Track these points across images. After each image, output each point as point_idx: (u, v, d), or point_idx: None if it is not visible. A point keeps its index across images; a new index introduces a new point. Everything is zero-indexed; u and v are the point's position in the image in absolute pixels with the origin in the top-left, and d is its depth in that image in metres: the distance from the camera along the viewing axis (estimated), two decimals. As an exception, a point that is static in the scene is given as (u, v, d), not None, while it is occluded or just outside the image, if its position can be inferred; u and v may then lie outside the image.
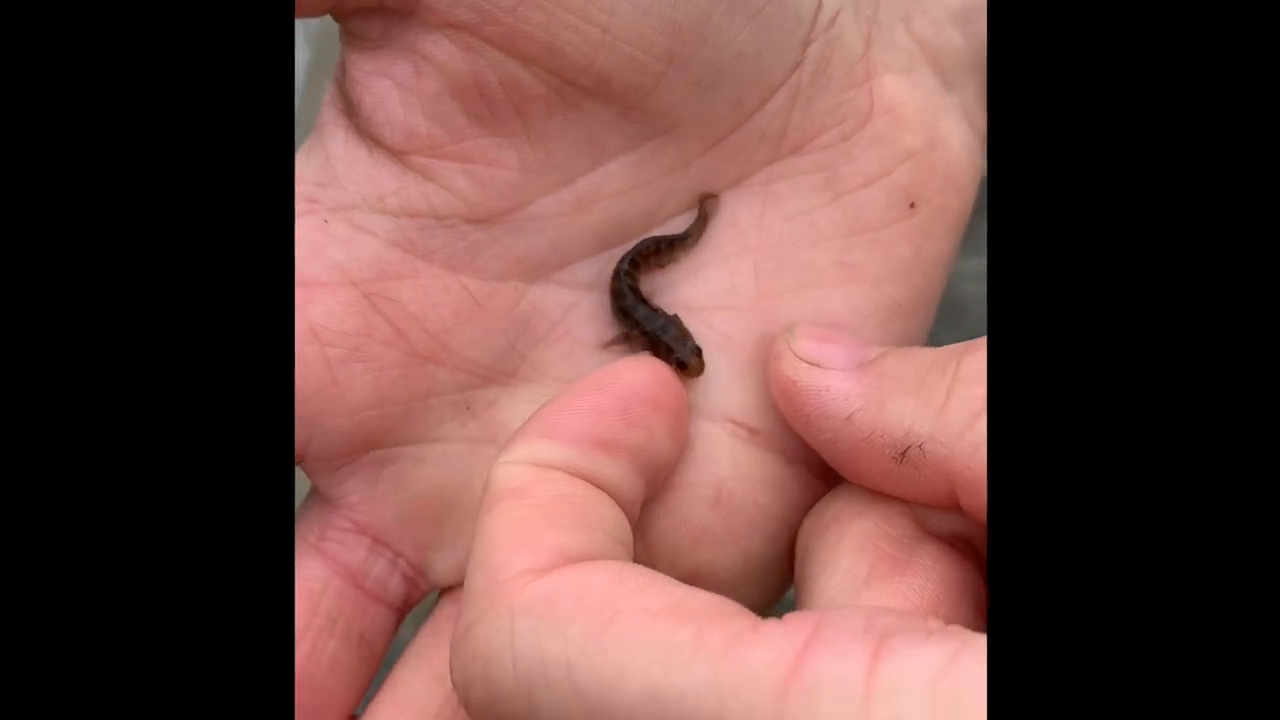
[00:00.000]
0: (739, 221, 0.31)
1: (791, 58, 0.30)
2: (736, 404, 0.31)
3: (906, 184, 0.31)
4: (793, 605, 0.27)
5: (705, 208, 0.31)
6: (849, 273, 0.31)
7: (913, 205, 0.31)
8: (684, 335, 0.31)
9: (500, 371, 0.31)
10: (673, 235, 0.31)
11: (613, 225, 0.31)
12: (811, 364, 0.29)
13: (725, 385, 0.31)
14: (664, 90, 0.29)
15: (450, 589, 0.31)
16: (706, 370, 0.30)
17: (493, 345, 0.31)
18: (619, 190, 0.31)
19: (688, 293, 0.32)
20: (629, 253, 0.31)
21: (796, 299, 0.31)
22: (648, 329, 0.31)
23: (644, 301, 0.31)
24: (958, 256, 0.33)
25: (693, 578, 0.30)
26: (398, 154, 0.29)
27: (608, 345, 0.31)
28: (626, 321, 0.31)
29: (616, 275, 0.31)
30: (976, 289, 0.72)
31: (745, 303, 0.31)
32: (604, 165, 0.30)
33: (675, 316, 0.31)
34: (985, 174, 0.33)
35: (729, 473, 0.31)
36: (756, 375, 0.31)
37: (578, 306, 0.31)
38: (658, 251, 0.31)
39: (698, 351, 0.30)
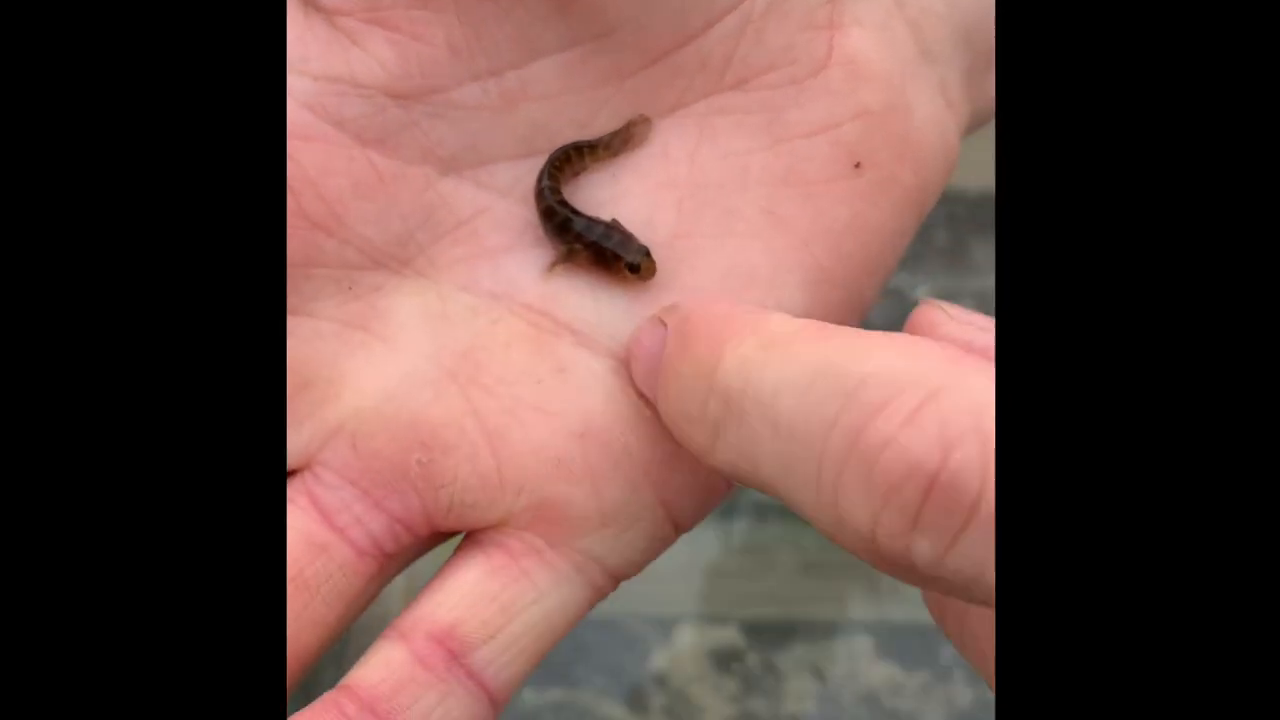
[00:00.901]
0: (670, 153, 0.30)
1: None
2: (626, 342, 0.29)
3: (854, 143, 0.29)
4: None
5: (634, 129, 0.30)
6: (776, 225, 0.30)
7: (858, 166, 0.30)
8: (628, 238, 0.29)
9: (393, 258, 0.30)
10: (583, 141, 0.30)
11: (538, 130, 0.30)
12: None
13: (619, 321, 0.30)
14: None
15: (294, 471, 0.30)
16: (595, 305, 0.30)
17: (390, 228, 0.29)
18: (547, 93, 0.29)
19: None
20: (544, 167, 0.30)
21: (714, 244, 0.30)
22: (589, 239, 0.29)
23: (578, 213, 0.30)
24: (907, 242, 0.31)
25: (540, 509, 0.29)
26: (330, 14, 0.28)
27: (551, 269, 0.30)
28: (566, 237, 0.30)
29: (540, 195, 0.30)
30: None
31: (660, 239, 0.30)
32: (534, 62, 0.29)
33: (614, 221, 0.30)
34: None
35: (601, 409, 0.29)
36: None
37: (490, 211, 0.30)
38: (569, 160, 0.30)
39: (646, 252, 0.29)
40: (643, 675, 0.70)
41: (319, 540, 0.29)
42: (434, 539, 0.30)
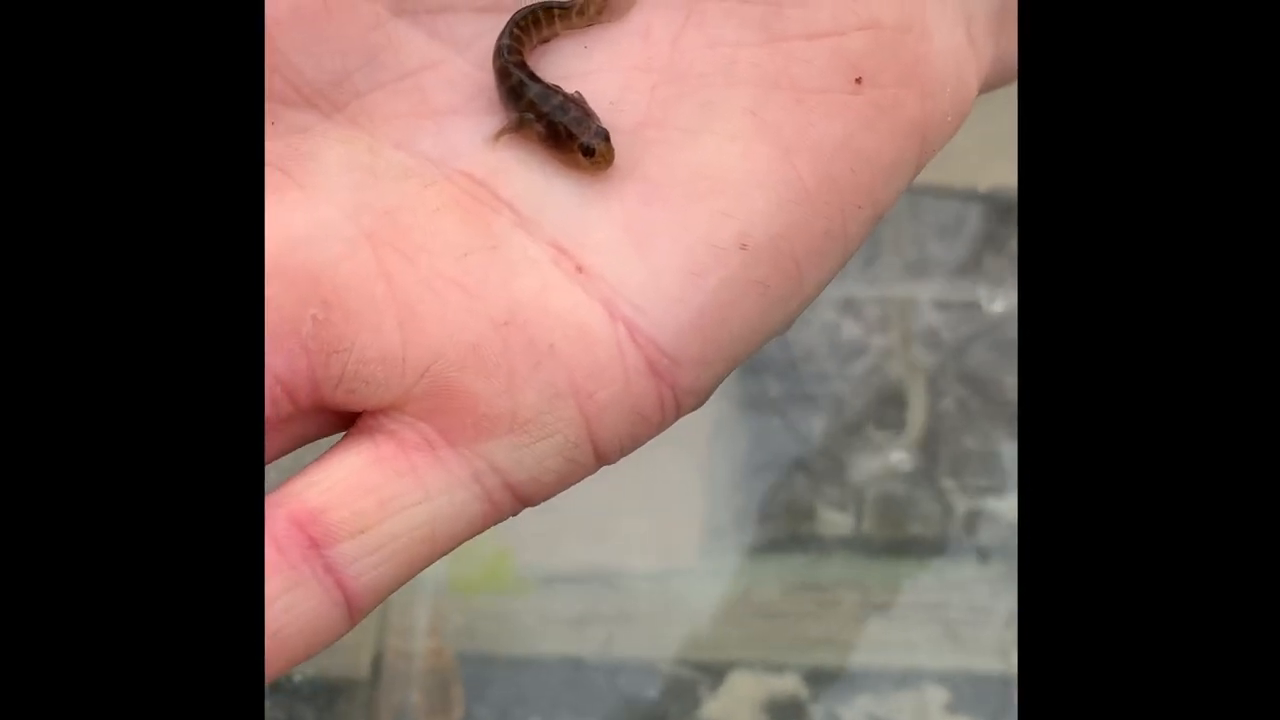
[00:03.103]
0: (652, 33, 0.27)
1: None
2: (573, 233, 0.26)
3: (858, 56, 0.27)
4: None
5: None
6: (759, 128, 0.27)
7: (859, 81, 0.27)
8: (587, 115, 0.27)
9: (325, 98, 0.27)
10: (555, 2, 0.27)
11: None
12: None
13: (567, 207, 0.27)
14: None
15: None
16: (545, 186, 0.27)
17: (328, 64, 0.27)
18: None
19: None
20: (507, 25, 0.27)
21: (686, 139, 0.27)
22: (543, 109, 0.26)
23: (535, 79, 0.27)
24: (903, 184, 0.28)
25: (443, 397, 0.26)
26: None
27: (497, 137, 0.27)
28: (518, 104, 0.27)
29: (498, 53, 0.27)
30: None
31: (625, 124, 0.27)
32: None
33: (577, 94, 0.27)
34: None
35: (532, 300, 0.26)
36: (609, 206, 0.27)
37: (441, 67, 0.28)
38: (538, 23, 0.27)
39: (604, 135, 0.26)
40: (692, 727, 0.67)
41: None
42: (317, 419, 0.27)
